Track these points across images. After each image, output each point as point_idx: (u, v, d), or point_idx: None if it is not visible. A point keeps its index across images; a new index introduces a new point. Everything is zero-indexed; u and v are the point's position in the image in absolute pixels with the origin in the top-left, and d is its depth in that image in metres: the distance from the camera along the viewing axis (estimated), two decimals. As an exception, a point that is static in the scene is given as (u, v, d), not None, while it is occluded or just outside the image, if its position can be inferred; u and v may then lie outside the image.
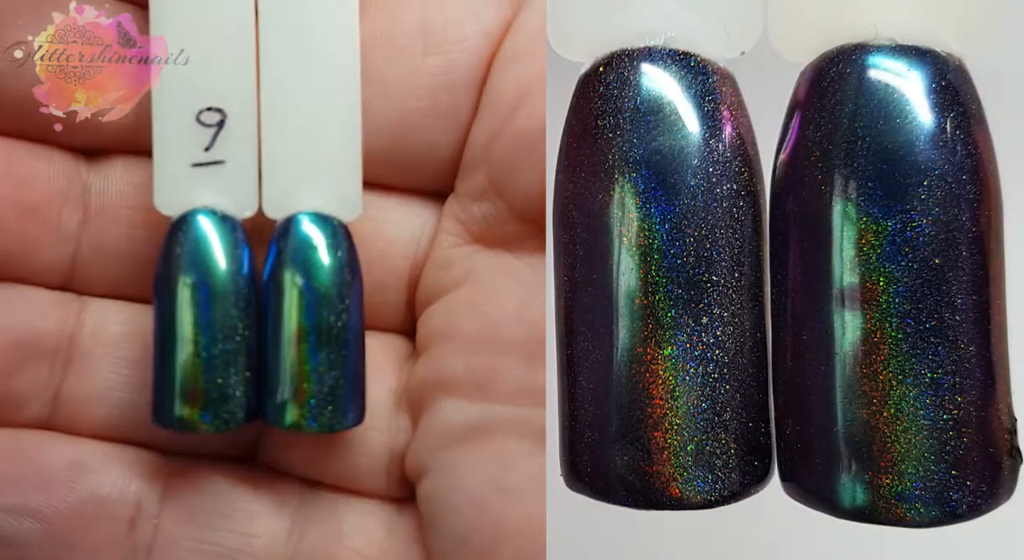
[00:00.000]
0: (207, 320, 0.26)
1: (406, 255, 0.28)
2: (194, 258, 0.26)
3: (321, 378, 0.26)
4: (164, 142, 0.26)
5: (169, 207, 0.26)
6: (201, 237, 0.26)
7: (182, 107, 0.26)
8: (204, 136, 0.26)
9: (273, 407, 0.26)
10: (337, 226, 0.26)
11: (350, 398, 0.27)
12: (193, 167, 0.26)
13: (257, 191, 0.26)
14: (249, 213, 0.26)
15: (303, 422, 0.26)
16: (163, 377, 0.26)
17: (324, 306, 0.26)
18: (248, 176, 0.26)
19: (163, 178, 0.26)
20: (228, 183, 0.26)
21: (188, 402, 0.26)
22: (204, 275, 0.26)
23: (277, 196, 0.26)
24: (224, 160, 0.26)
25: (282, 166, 0.26)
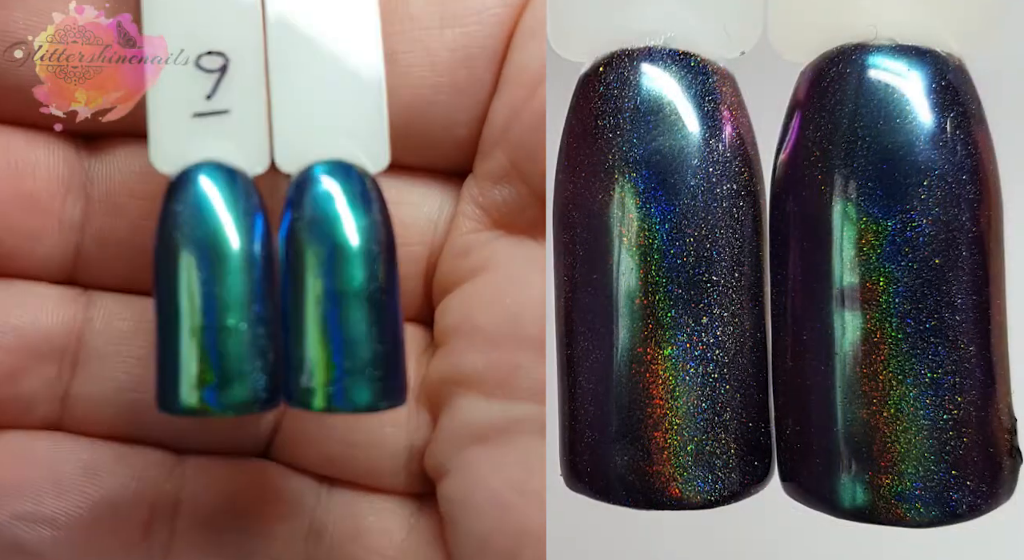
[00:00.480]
0: (215, 293, 0.22)
1: (423, 240, 0.27)
2: (198, 221, 0.22)
3: (354, 352, 0.23)
4: (160, 88, 0.23)
5: (168, 163, 0.23)
6: (205, 196, 0.23)
7: (179, 50, 0.23)
8: (205, 83, 0.23)
9: (298, 388, 0.23)
10: (363, 177, 0.23)
11: (390, 373, 0.23)
12: (194, 118, 0.23)
13: (268, 144, 0.23)
14: (260, 169, 0.23)
15: (334, 403, 0.23)
16: (168, 359, 0.23)
17: (353, 268, 0.23)
18: (257, 127, 0.23)
19: (160, 131, 0.23)
20: (235, 135, 0.23)
21: (197, 386, 0.22)
22: (210, 241, 0.22)
23: (291, 147, 0.23)
24: (229, 109, 0.23)
25: (295, 113, 0.23)
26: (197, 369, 0.22)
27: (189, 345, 0.22)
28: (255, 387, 0.23)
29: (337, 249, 0.23)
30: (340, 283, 0.23)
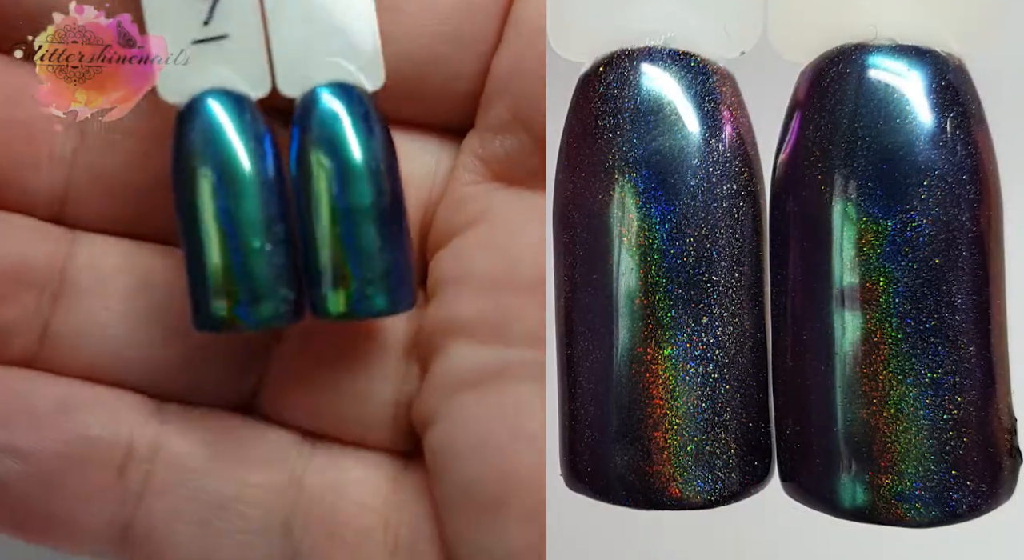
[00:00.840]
0: (232, 215, 0.23)
1: (419, 195, 0.26)
2: (210, 148, 0.23)
3: (367, 260, 0.24)
4: (158, 21, 0.23)
5: (175, 93, 0.24)
6: (215, 123, 0.23)
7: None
8: (200, 8, 0.23)
9: (319, 297, 0.24)
10: (363, 96, 0.24)
11: (401, 279, 0.25)
12: (194, 45, 0.23)
13: (268, 66, 0.24)
14: (263, 92, 0.24)
15: (352, 308, 0.24)
16: (195, 277, 0.24)
17: (361, 182, 0.24)
18: (256, 49, 0.24)
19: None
20: (235, 59, 0.24)
21: (225, 300, 0.24)
22: (224, 166, 0.23)
23: (291, 70, 0.24)
24: (227, 34, 0.24)
25: (293, 36, 0.24)
26: (228, 288, 0.24)
27: (218, 266, 0.24)
28: (282, 302, 0.24)
29: (347, 166, 0.24)
30: (352, 198, 0.24)
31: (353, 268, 0.24)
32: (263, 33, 0.24)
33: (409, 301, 0.25)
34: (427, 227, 0.27)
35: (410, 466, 0.27)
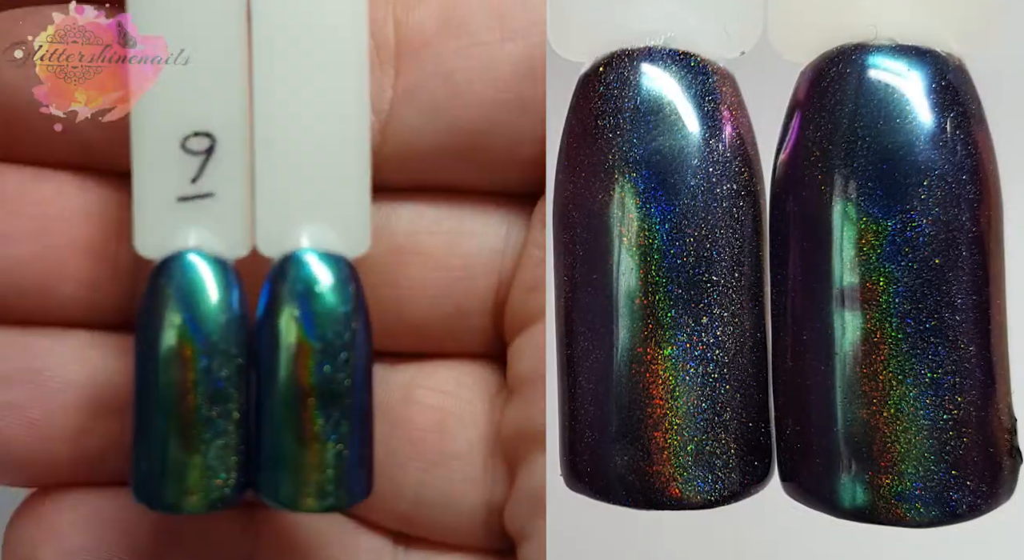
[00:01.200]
0: (203, 379, 0.22)
1: (489, 273, 0.25)
2: (180, 309, 0.22)
3: (323, 448, 0.22)
4: (145, 173, 0.23)
5: (152, 248, 0.23)
6: (188, 284, 0.22)
7: (165, 132, 0.23)
8: (191, 165, 0.23)
9: (267, 480, 0.23)
10: (343, 264, 0.23)
11: (355, 472, 0.23)
12: (179, 202, 0.23)
13: (251, 228, 0.23)
14: (242, 253, 0.23)
15: (304, 501, 0.23)
16: (142, 447, 0.23)
17: (329, 360, 0.22)
18: (240, 211, 0.23)
19: (144, 215, 0.23)
20: (218, 219, 0.23)
21: (170, 479, 0.22)
22: (190, 329, 0.22)
23: (273, 231, 0.23)
24: (213, 193, 0.23)
25: (279, 197, 0.23)
26: (173, 467, 0.22)
27: (166, 439, 0.22)
28: (228, 484, 0.23)
29: (306, 340, 0.22)
30: (304, 379, 0.22)
31: (304, 454, 0.22)
32: (250, 193, 0.23)
33: (360, 495, 0.23)
34: (501, 306, 0.26)
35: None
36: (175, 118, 0.23)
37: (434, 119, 0.24)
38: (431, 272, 0.25)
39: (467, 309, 0.25)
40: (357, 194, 0.23)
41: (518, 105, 0.24)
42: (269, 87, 0.23)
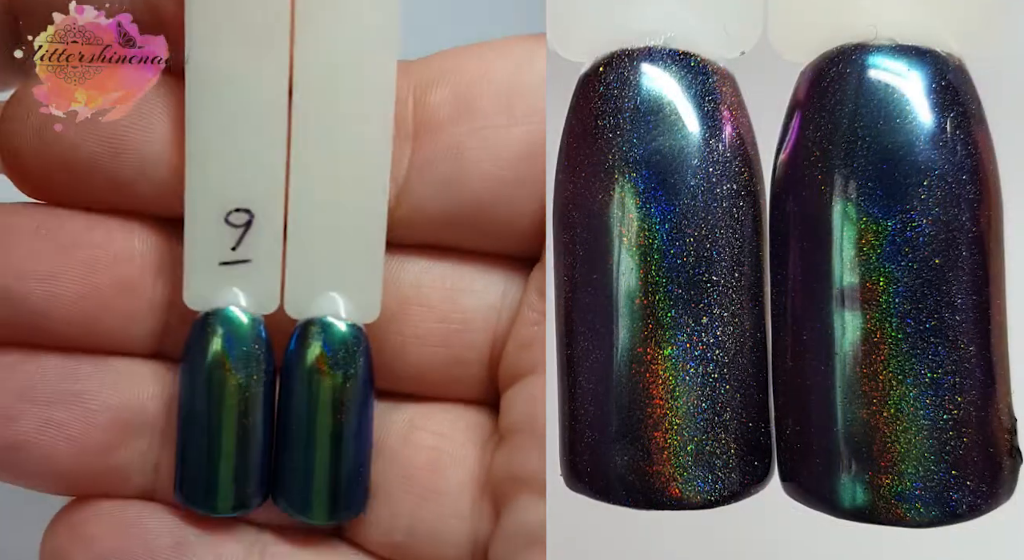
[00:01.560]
0: (244, 398, 0.27)
1: (486, 328, 0.28)
2: (228, 337, 0.27)
3: (333, 476, 0.27)
4: (194, 241, 0.27)
5: (197, 303, 0.27)
6: (233, 320, 0.27)
7: (212, 207, 0.26)
8: (232, 236, 0.27)
9: (288, 498, 0.28)
10: (356, 331, 0.27)
11: (355, 494, 0.28)
12: (221, 265, 0.27)
13: (279, 289, 0.27)
14: (270, 310, 0.27)
15: (314, 515, 0.27)
16: (197, 457, 0.27)
17: (337, 409, 0.27)
18: (272, 274, 0.27)
19: (193, 275, 0.27)
20: (253, 281, 0.27)
21: (219, 484, 0.27)
22: (239, 351, 0.27)
23: (299, 297, 0.27)
24: (250, 259, 0.27)
25: (305, 269, 0.27)
26: (207, 476, 0.27)
27: (205, 454, 0.27)
28: (253, 494, 0.28)
29: (318, 393, 0.27)
30: (318, 422, 0.27)
31: (318, 482, 0.27)
32: (281, 259, 0.27)
33: (356, 510, 0.28)
34: (496, 359, 0.28)
35: None
36: (221, 196, 0.26)
37: (444, 190, 0.27)
38: (433, 323, 0.28)
39: (464, 359, 0.28)
40: (373, 269, 0.27)
41: (520, 182, 0.27)
42: (305, 169, 0.27)
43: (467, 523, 0.28)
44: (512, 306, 0.28)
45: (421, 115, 0.27)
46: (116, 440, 0.27)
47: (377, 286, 0.27)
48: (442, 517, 0.28)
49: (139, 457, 0.28)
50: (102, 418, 0.27)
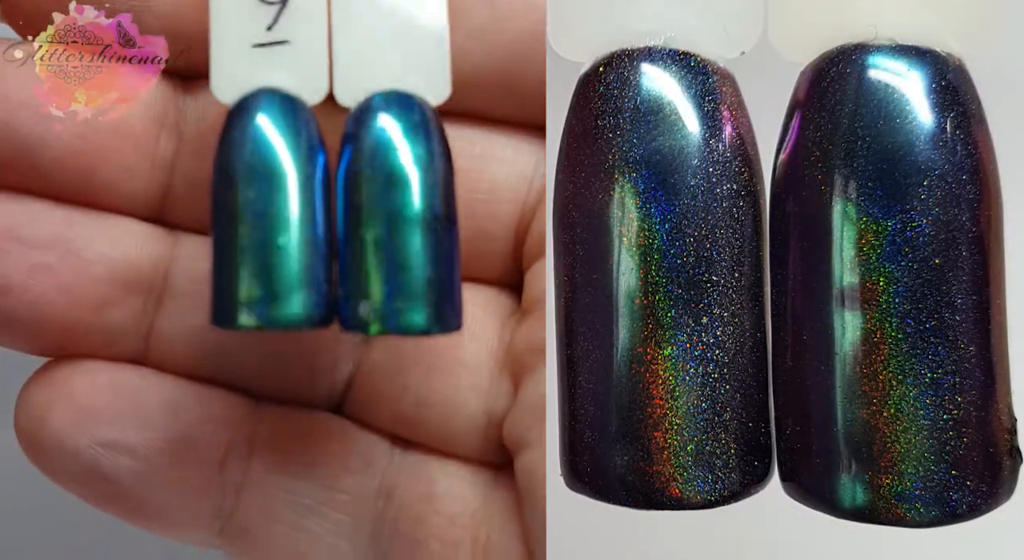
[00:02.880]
0: (273, 214, 0.23)
1: (514, 199, 0.26)
2: (257, 145, 0.23)
3: (408, 274, 0.23)
4: (222, 21, 0.23)
5: (227, 92, 0.23)
6: (262, 122, 0.23)
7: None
8: (267, 14, 0.23)
9: (353, 311, 0.23)
10: (423, 107, 0.24)
11: (444, 298, 0.23)
12: (254, 48, 0.23)
13: (327, 73, 0.24)
14: (319, 98, 0.24)
15: (385, 323, 0.23)
16: (221, 276, 0.23)
17: (407, 193, 0.23)
18: (317, 57, 0.24)
19: (221, 60, 0.23)
20: (294, 65, 0.23)
21: (247, 301, 0.23)
22: (269, 164, 0.23)
23: (350, 78, 0.24)
24: (289, 40, 0.23)
25: (354, 44, 0.24)
26: (247, 285, 0.23)
27: (240, 262, 0.23)
28: (305, 304, 0.23)
29: (394, 177, 0.23)
30: (396, 210, 0.23)
31: (391, 282, 0.23)
32: (326, 40, 0.24)
33: (454, 323, 0.24)
34: (523, 234, 0.26)
35: (500, 479, 0.27)
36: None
37: (475, 40, 0.25)
38: (459, 192, 0.25)
39: (489, 232, 0.26)
40: (436, 40, 0.23)
41: None
42: None
43: (482, 397, 0.26)
44: (542, 177, 0.26)
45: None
46: (111, 296, 0.26)
47: (445, 60, 0.24)
48: (457, 389, 0.26)
49: (132, 318, 0.26)
50: (97, 269, 0.26)
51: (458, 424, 0.26)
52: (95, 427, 0.26)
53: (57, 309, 0.26)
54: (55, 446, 0.26)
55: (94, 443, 0.26)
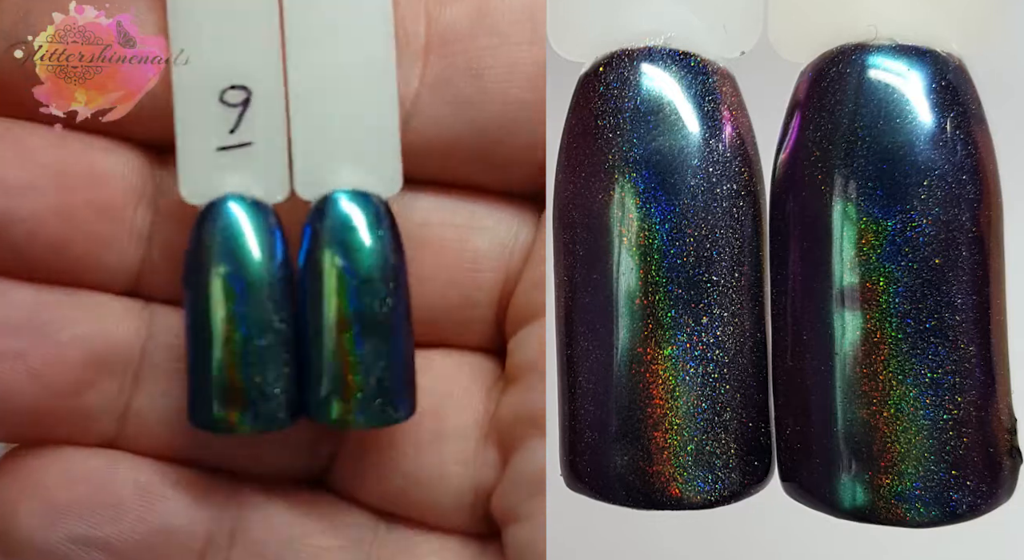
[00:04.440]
0: (242, 314, 0.24)
1: (496, 268, 0.26)
2: (225, 248, 0.24)
3: (368, 369, 0.24)
4: (187, 125, 0.24)
5: (196, 195, 0.24)
6: (232, 226, 0.24)
7: (204, 86, 0.24)
8: (229, 117, 0.24)
9: (317, 402, 0.25)
10: (377, 203, 0.24)
11: (400, 390, 0.25)
12: (219, 151, 0.24)
13: (288, 173, 0.25)
14: (281, 197, 0.25)
15: (350, 417, 0.24)
16: (198, 375, 0.24)
17: (367, 290, 0.24)
18: (278, 157, 0.24)
19: (188, 165, 0.24)
20: (257, 166, 0.24)
21: (226, 401, 0.24)
22: (237, 266, 0.24)
23: (310, 175, 0.25)
24: (252, 141, 0.24)
25: (313, 142, 0.24)
26: (227, 387, 0.24)
27: (219, 364, 0.24)
28: (280, 404, 0.24)
29: (353, 271, 0.24)
30: (354, 304, 0.24)
31: (352, 376, 0.24)
32: (286, 140, 0.24)
33: (405, 413, 0.25)
34: (505, 303, 0.26)
35: (487, 550, 0.26)
36: (212, 73, 0.24)
37: (459, 112, 0.25)
38: (442, 262, 0.26)
39: (473, 300, 0.26)
40: (387, 137, 0.24)
41: (540, 107, 0.25)
42: (300, 38, 0.24)
43: (469, 469, 0.26)
44: (524, 245, 0.26)
45: (434, 30, 0.25)
46: (86, 378, 0.25)
47: (395, 155, 0.24)
48: (443, 463, 0.26)
49: (109, 400, 0.25)
50: (70, 353, 0.25)
51: (445, 498, 0.26)
52: (67, 522, 0.25)
53: (27, 397, 0.25)
54: (25, 543, 0.25)
55: (66, 540, 0.25)
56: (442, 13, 0.25)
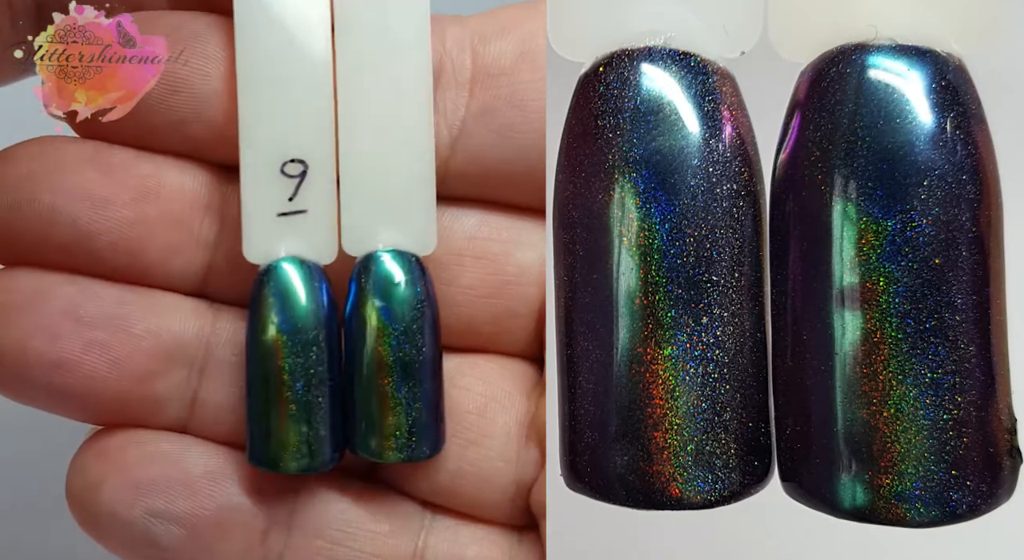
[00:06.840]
0: (298, 366, 0.27)
1: (538, 281, 0.28)
2: (282, 306, 0.27)
3: (406, 411, 0.27)
4: (251, 193, 0.27)
5: (257, 256, 0.27)
6: (288, 285, 0.27)
7: (268, 160, 0.27)
8: (288, 187, 0.27)
9: (358, 438, 0.28)
10: (414, 261, 0.27)
11: (431, 429, 0.28)
12: (278, 217, 0.27)
13: (337, 238, 0.27)
14: (329, 260, 0.27)
15: (388, 454, 0.27)
16: (255, 422, 0.27)
17: (406, 340, 0.27)
18: (328, 223, 0.27)
19: (251, 228, 0.27)
20: (310, 231, 0.27)
21: (279, 448, 0.27)
22: (292, 323, 0.27)
23: (356, 234, 0.28)
24: (306, 209, 0.27)
25: (360, 207, 0.27)
26: (282, 434, 0.27)
27: (276, 412, 0.27)
28: (327, 447, 0.27)
29: (389, 323, 0.27)
30: (392, 352, 0.27)
31: (390, 417, 0.27)
32: (336, 207, 0.27)
33: (435, 449, 0.28)
34: (544, 312, 0.28)
35: (524, 539, 0.29)
36: (276, 148, 0.27)
37: (504, 139, 0.27)
38: (487, 275, 0.28)
39: (515, 311, 0.28)
40: (425, 204, 0.28)
41: None
42: (351, 116, 0.27)
43: (512, 466, 0.28)
44: None
45: (480, 64, 0.27)
46: (158, 367, 0.27)
47: (431, 220, 0.27)
48: (489, 460, 0.28)
49: (177, 388, 0.28)
50: (146, 344, 0.27)
51: (490, 493, 0.28)
52: (146, 497, 0.27)
53: (109, 382, 0.27)
54: (108, 516, 0.27)
55: (145, 513, 0.27)
56: (487, 48, 0.28)
